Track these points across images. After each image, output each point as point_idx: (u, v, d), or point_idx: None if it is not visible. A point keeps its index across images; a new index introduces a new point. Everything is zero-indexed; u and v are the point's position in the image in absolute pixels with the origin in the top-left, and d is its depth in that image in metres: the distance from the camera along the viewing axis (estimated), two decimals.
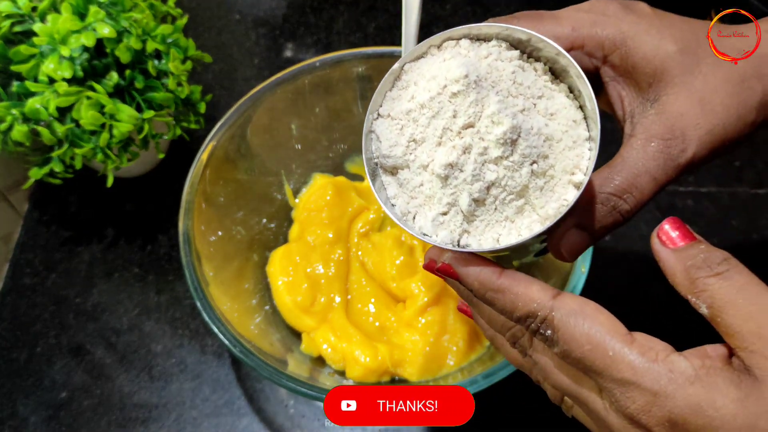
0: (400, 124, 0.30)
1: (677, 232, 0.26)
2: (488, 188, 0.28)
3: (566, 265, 0.45)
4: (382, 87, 0.30)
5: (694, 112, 0.27)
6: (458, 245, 0.28)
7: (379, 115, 0.31)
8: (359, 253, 0.55)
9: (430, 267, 0.27)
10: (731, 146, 0.29)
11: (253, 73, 0.72)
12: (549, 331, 0.25)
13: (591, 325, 0.24)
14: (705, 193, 0.62)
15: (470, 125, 0.28)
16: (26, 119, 0.49)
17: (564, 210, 0.27)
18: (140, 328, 0.56)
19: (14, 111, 0.48)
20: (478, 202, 0.28)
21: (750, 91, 0.28)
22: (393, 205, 0.30)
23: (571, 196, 0.27)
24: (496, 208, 0.28)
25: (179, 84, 0.53)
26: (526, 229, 0.28)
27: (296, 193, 0.59)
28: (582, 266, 0.44)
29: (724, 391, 0.22)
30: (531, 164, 0.28)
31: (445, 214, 0.29)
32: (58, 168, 0.51)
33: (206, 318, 0.43)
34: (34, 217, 0.62)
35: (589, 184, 0.28)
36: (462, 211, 0.28)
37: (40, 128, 0.49)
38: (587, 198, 0.28)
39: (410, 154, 0.30)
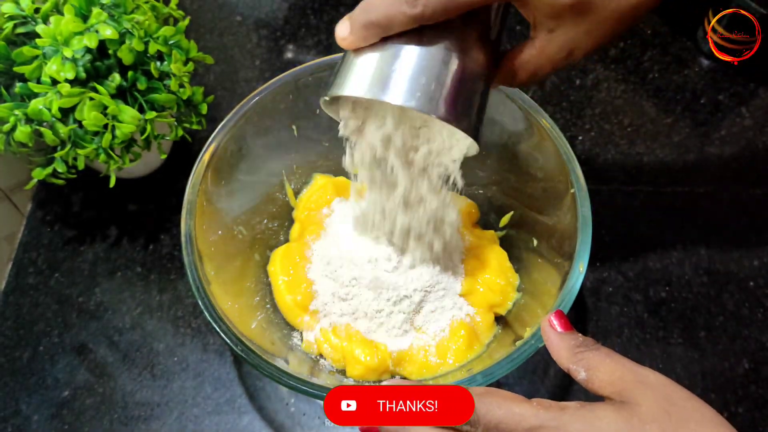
0: None
1: (562, 321, 0.35)
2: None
3: (565, 264, 0.46)
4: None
5: (583, 39, 0.36)
6: None
7: None
8: None
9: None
10: None
11: (254, 74, 0.72)
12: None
13: (497, 397, 0.31)
14: (703, 193, 0.63)
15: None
16: (29, 120, 0.49)
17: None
18: (142, 326, 0.56)
19: (17, 112, 0.49)
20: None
21: (636, 12, 0.36)
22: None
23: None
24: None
25: (181, 85, 0.54)
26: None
27: (297, 193, 0.59)
28: (580, 265, 0.44)
29: (604, 408, 0.29)
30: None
31: None
32: (60, 168, 0.51)
33: (208, 317, 0.43)
34: (37, 217, 0.62)
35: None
36: None
37: (43, 129, 0.49)
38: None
39: None
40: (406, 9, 0.33)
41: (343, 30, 0.35)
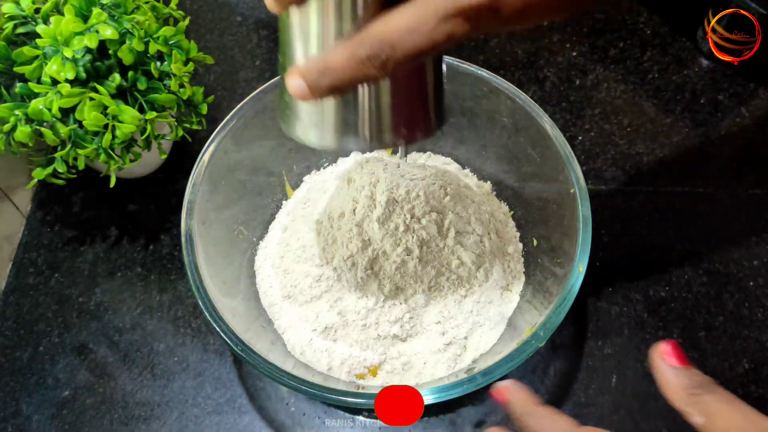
0: None
1: (678, 354, 0.32)
2: None
3: (565, 264, 0.46)
4: None
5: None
6: None
7: None
8: None
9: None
10: None
11: (254, 74, 0.72)
12: None
13: (554, 423, 0.31)
14: (702, 193, 0.63)
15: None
16: (29, 120, 0.49)
17: None
18: (143, 326, 0.56)
19: (18, 112, 0.49)
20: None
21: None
22: None
23: None
24: None
25: (181, 85, 0.54)
26: None
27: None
28: (580, 265, 0.44)
29: None
30: None
31: None
32: (61, 168, 0.51)
33: (208, 317, 0.44)
34: (37, 217, 0.62)
35: None
36: None
37: (43, 129, 0.49)
38: None
39: None
40: (374, 72, 0.30)
41: (300, 89, 0.32)
